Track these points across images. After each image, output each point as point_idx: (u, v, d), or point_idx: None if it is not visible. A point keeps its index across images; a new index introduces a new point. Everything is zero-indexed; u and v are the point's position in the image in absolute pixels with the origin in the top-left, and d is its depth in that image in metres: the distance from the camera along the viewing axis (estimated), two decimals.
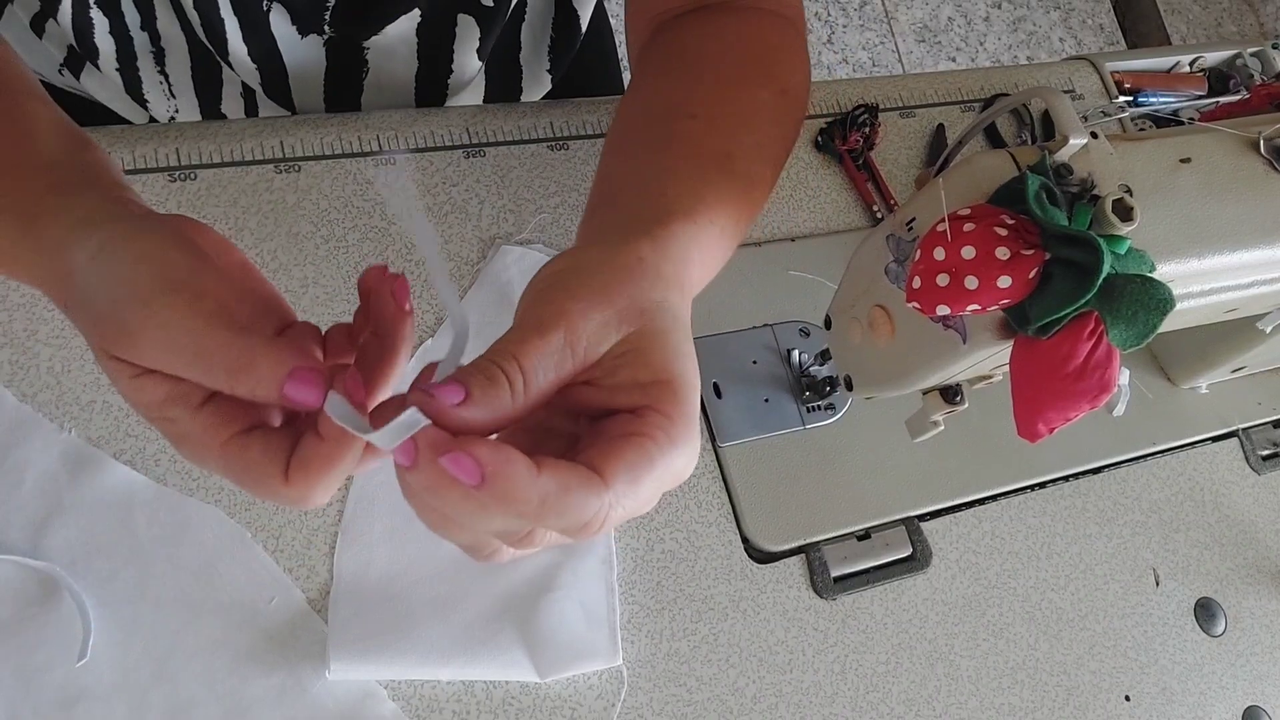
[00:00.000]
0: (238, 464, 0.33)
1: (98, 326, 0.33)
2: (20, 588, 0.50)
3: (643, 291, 0.36)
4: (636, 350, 0.34)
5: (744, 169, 0.48)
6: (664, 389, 0.34)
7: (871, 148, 0.78)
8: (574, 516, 0.30)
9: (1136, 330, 0.40)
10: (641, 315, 0.35)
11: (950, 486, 0.68)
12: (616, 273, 0.36)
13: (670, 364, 0.34)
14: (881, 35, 2.14)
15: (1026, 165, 0.44)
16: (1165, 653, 0.68)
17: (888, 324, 0.51)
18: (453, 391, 0.31)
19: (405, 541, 0.56)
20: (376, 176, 0.31)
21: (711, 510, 0.63)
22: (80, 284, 0.34)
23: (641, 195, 0.44)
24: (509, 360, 0.32)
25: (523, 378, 0.32)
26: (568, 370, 0.33)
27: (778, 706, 0.59)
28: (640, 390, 0.34)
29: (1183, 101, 0.87)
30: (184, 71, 0.69)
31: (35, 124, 0.39)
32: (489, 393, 0.31)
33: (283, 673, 0.52)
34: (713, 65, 0.53)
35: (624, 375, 0.34)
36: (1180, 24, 2.43)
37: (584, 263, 0.36)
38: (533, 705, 0.55)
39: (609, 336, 0.34)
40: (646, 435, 0.32)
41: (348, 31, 0.66)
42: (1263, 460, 0.78)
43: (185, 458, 0.34)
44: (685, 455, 0.33)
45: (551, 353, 0.33)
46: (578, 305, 0.34)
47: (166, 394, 0.33)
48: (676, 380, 0.34)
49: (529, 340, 0.33)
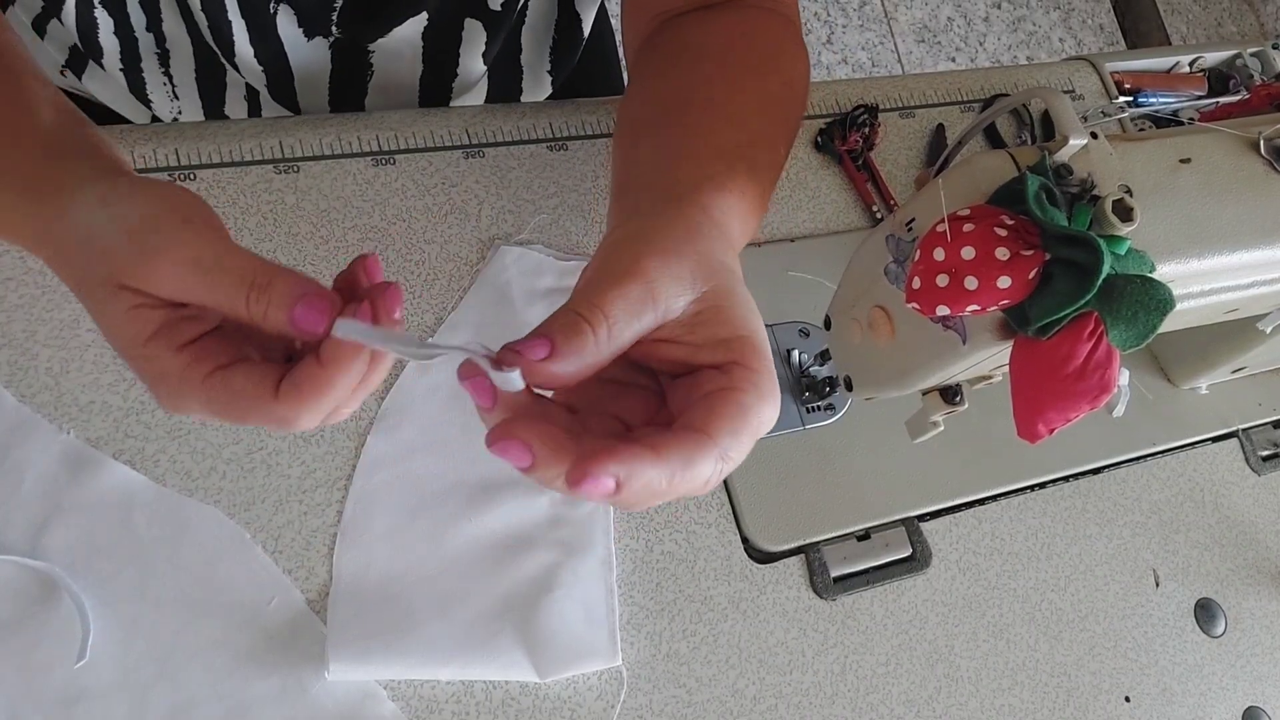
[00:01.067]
0: (222, 394, 0.34)
1: (109, 257, 0.34)
2: (20, 588, 0.50)
3: (711, 249, 0.37)
4: (715, 308, 0.35)
5: (760, 155, 0.48)
6: (745, 344, 0.35)
7: (871, 148, 0.78)
8: (698, 481, 0.32)
9: (1136, 331, 0.40)
10: (713, 273, 0.36)
11: (950, 487, 0.68)
12: (683, 232, 0.37)
13: (748, 319, 0.36)
14: (881, 35, 2.14)
15: (1026, 166, 0.44)
16: (1165, 653, 0.68)
17: (887, 324, 0.51)
18: (539, 345, 0.32)
19: (405, 542, 0.56)
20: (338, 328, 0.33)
21: (711, 510, 0.63)
22: (85, 223, 0.35)
23: (673, 173, 0.44)
24: (592, 308, 0.33)
25: (606, 325, 0.33)
26: (648, 321, 0.34)
27: (777, 707, 0.59)
28: (724, 346, 0.35)
29: (1183, 102, 0.87)
30: (188, 73, 0.69)
31: (34, 99, 0.40)
32: (573, 341, 0.32)
33: (283, 673, 0.52)
34: (720, 58, 0.54)
35: (705, 332, 0.35)
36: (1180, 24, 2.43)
37: (647, 227, 0.37)
38: (533, 705, 0.55)
39: (685, 292, 0.35)
40: (739, 389, 0.34)
41: (354, 33, 0.66)
42: (1263, 461, 0.78)
43: (161, 401, 0.35)
44: (771, 406, 0.35)
45: (633, 301, 0.33)
46: (653, 260, 0.34)
47: (157, 328, 0.34)
48: (755, 335, 0.35)
49: (609, 289, 0.33)
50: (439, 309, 0.63)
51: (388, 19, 0.65)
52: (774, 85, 0.53)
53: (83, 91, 0.72)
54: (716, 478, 0.33)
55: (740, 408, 0.33)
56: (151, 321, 0.34)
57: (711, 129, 0.48)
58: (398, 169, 0.66)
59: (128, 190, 0.35)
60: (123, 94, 0.70)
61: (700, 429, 0.32)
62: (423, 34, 0.68)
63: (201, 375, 0.34)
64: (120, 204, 0.35)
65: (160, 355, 0.34)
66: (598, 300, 0.33)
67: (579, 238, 0.68)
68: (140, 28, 0.66)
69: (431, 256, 0.64)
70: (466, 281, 0.64)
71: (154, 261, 0.33)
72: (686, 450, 0.32)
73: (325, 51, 0.67)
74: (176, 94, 0.70)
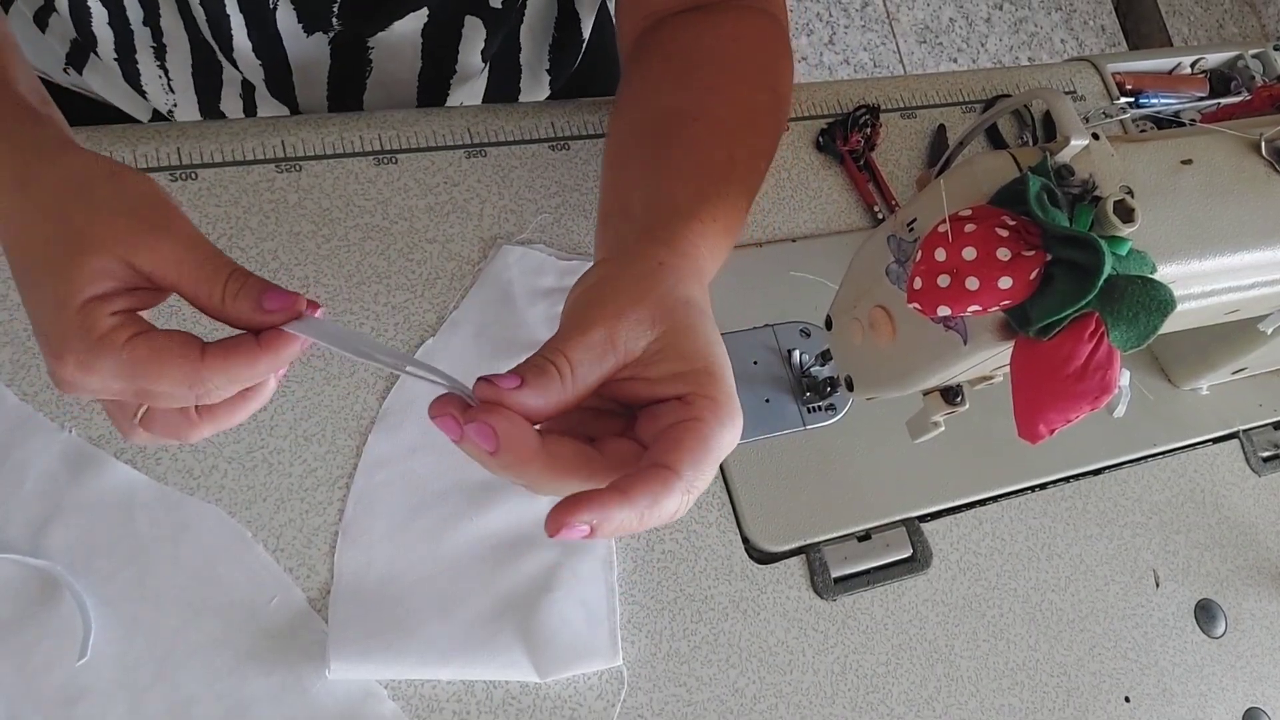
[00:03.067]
0: (144, 350, 0.36)
1: (112, 222, 0.37)
2: (21, 587, 0.50)
3: (667, 291, 0.40)
4: (671, 345, 0.38)
5: (742, 172, 0.51)
6: (702, 375, 0.38)
7: (873, 148, 0.78)
8: (665, 514, 0.35)
9: (1137, 331, 0.40)
10: (670, 313, 0.39)
11: (951, 487, 0.68)
12: (641, 280, 0.40)
13: (703, 350, 0.38)
14: (883, 36, 2.14)
15: (1028, 166, 0.44)
16: (1165, 654, 0.68)
17: (889, 325, 0.51)
18: (511, 379, 0.35)
19: (405, 542, 0.56)
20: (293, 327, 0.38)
21: (712, 511, 0.63)
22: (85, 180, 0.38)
23: (652, 203, 0.47)
24: (556, 354, 0.37)
25: (570, 368, 0.36)
26: (610, 364, 0.37)
27: (778, 707, 0.59)
28: (681, 380, 0.38)
29: (1184, 103, 0.87)
30: (184, 69, 0.69)
31: (13, 67, 0.43)
32: (540, 380, 0.36)
33: (283, 672, 0.52)
34: (710, 67, 0.55)
35: (664, 368, 0.38)
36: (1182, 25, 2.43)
37: (610, 275, 0.41)
38: (533, 705, 0.55)
39: (644, 334, 0.38)
40: (700, 419, 0.36)
41: (354, 28, 0.66)
42: (1263, 462, 0.78)
43: (62, 368, 0.37)
44: (732, 429, 0.37)
45: (593, 346, 0.37)
46: (612, 309, 0.38)
47: (109, 290, 0.36)
48: (712, 364, 0.38)
49: (572, 337, 0.37)
50: (440, 308, 0.63)
51: (388, 14, 0.65)
52: (763, 97, 0.55)
53: (85, 89, 0.72)
54: (683, 508, 0.36)
55: (701, 439, 0.36)
56: (108, 283, 0.36)
57: (697, 148, 0.50)
58: (400, 168, 0.66)
59: (122, 168, 0.38)
60: (119, 83, 0.70)
61: (665, 464, 0.35)
62: (423, 30, 0.68)
63: (126, 336, 0.36)
64: (126, 177, 0.38)
65: (95, 314, 0.36)
66: (563, 347, 0.37)
67: (580, 237, 0.68)
68: (137, 22, 0.66)
69: (433, 255, 0.64)
70: (468, 280, 0.64)
71: (160, 236, 0.37)
72: (653, 489, 0.34)
73: (324, 46, 0.67)
74: (172, 87, 0.70)
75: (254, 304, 0.37)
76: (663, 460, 0.35)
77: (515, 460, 0.35)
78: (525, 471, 0.35)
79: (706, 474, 0.36)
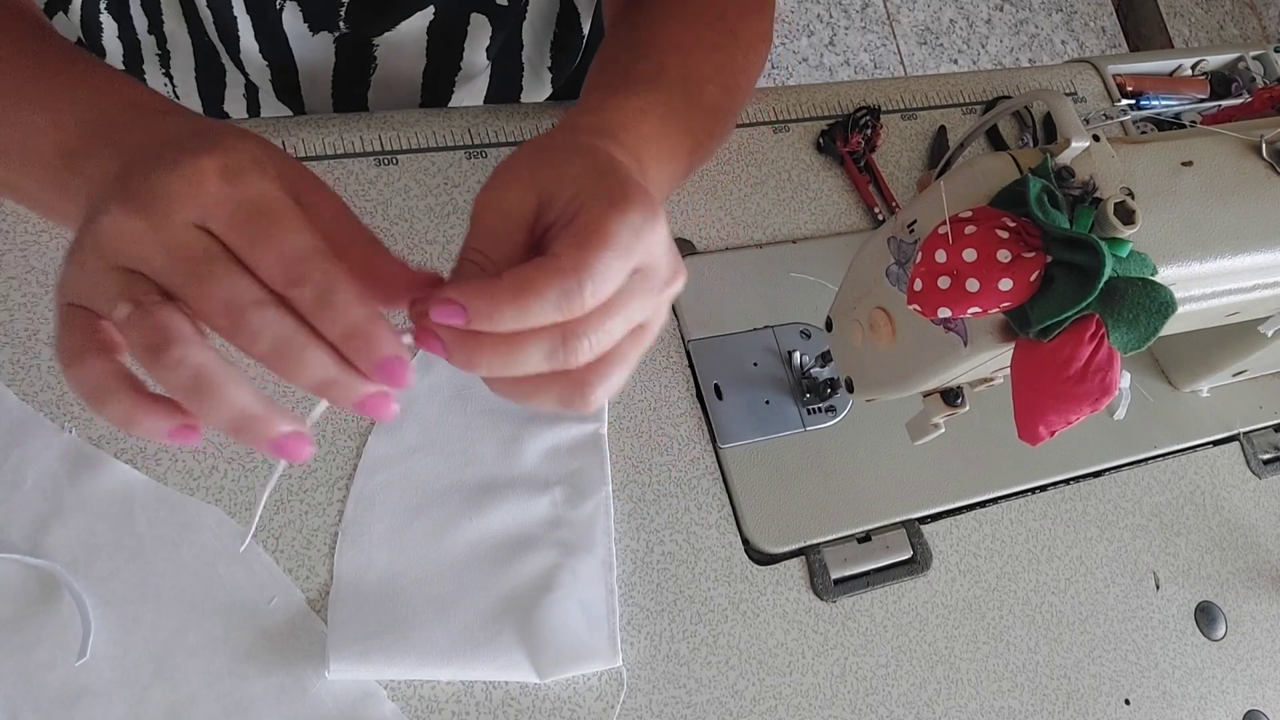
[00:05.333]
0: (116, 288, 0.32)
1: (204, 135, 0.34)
2: (20, 587, 0.50)
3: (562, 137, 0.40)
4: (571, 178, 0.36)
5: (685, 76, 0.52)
6: (594, 177, 0.36)
7: (873, 150, 0.78)
8: (550, 307, 0.32)
9: (1138, 333, 0.40)
10: (565, 148, 0.38)
11: (951, 489, 0.68)
12: (535, 144, 0.39)
13: (599, 166, 0.37)
14: (883, 37, 2.14)
15: (1028, 168, 0.44)
16: (1165, 656, 0.68)
17: (889, 326, 0.51)
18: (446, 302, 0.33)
19: (405, 542, 0.56)
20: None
21: (712, 512, 0.63)
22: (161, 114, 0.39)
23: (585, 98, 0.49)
24: (470, 250, 0.36)
25: (481, 255, 0.36)
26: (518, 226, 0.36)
27: (777, 709, 0.59)
28: (584, 194, 0.36)
29: (1184, 105, 0.87)
30: (188, 73, 0.69)
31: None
32: (460, 275, 0.36)
33: (282, 673, 0.52)
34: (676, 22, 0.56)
35: (574, 202, 0.36)
36: (1182, 27, 2.43)
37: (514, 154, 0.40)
38: (532, 706, 0.55)
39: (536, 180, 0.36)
40: (583, 210, 0.35)
41: (362, 27, 0.66)
42: (1264, 464, 0.78)
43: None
44: (623, 208, 0.34)
45: (489, 230, 0.36)
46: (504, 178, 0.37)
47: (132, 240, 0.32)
48: (602, 165, 0.37)
49: (471, 231, 0.37)
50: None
51: (395, 13, 0.65)
52: (712, 35, 0.56)
53: None
54: (593, 300, 0.33)
55: (583, 224, 0.34)
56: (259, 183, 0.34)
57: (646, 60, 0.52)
58: (400, 169, 0.66)
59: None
60: None
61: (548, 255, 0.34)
62: (429, 28, 0.68)
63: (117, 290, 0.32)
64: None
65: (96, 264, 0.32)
66: (471, 243, 0.36)
67: None
68: (142, 30, 0.66)
69: (434, 256, 0.64)
70: None
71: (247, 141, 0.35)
72: (527, 272, 0.32)
73: (330, 46, 0.67)
74: (177, 94, 0.70)
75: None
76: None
77: (488, 307, 0.32)
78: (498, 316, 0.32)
79: (602, 258, 0.33)
